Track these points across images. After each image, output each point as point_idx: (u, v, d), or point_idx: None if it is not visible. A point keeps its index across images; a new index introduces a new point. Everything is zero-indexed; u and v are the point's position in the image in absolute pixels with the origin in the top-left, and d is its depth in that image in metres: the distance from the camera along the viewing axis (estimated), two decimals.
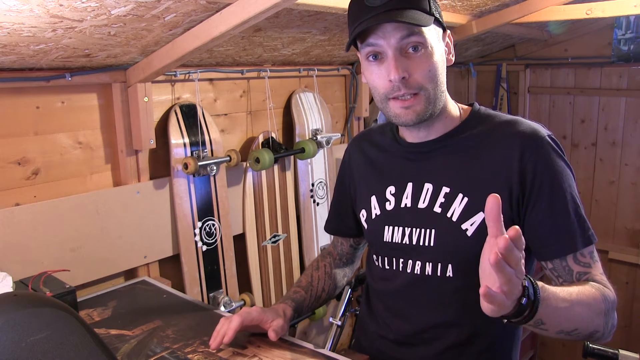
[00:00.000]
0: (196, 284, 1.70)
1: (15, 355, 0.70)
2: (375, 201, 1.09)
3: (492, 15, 2.01)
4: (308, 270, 1.27)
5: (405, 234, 1.02)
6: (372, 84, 0.97)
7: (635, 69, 2.61)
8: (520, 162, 0.93)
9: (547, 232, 0.92)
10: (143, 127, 1.51)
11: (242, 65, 1.85)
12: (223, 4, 1.16)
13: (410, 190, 1.03)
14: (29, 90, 1.34)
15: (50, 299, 0.82)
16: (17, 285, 1.20)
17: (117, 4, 1.03)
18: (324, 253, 1.33)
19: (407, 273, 1.03)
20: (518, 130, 0.96)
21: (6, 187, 1.32)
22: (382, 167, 1.10)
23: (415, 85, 0.91)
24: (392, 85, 0.92)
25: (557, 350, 3.11)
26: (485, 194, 0.88)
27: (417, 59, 0.91)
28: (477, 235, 0.94)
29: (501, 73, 3.01)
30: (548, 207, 0.92)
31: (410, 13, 0.87)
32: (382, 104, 0.97)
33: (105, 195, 1.48)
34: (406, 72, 0.90)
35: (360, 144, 1.18)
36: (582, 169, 2.86)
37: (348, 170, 1.20)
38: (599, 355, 1.10)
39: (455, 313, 1.00)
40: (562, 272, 0.93)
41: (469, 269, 0.90)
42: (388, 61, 0.91)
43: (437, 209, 0.99)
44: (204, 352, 1.06)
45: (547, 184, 0.92)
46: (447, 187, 0.99)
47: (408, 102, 0.92)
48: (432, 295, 1.01)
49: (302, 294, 1.18)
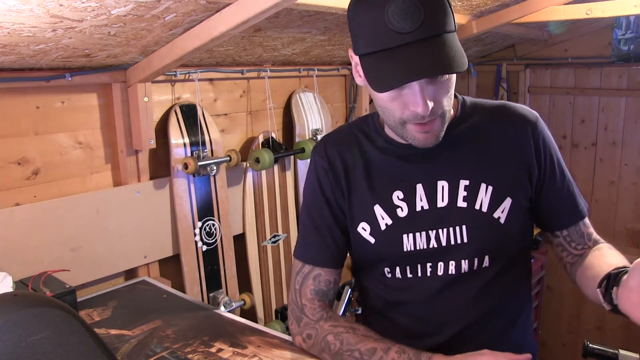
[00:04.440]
0: (196, 284, 1.70)
1: (15, 355, 0.70)
2: (381, 210, 0.97)
3: (492, 15, 2.01)
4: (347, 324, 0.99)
5: (431, 238, 0.95)
6: (384, 106, 0.88)
7: (635, 69, 2.61)
8: (532, 142, 0.97)
9: (563, 202, 1.01)
10: (143, 127, 1.51)
11: (242, 65, 1.85)
12: (223, 4, 1.16)
13: (423, 192, 0.96)
14: (29, 90, 1.34)
15: (50, 299, 0.82)
16: (17, 285, 1.20)
17: (117, 4, 1.03)
18: (326, 312, 1.01)
19: (439, 276, 0.96)
20: (518, 113, 0.99)
21: (6, 187, 1.32)
22: (380, 173, 0.99)
23: (438, 111, 0.86)
24: (414, 113, 0.84)
25: (557, 350, 3.11)
26: (507, 179, 0.94)
27: (441, 85, 0.84)
28: (509, 220, 0.95)
29: (501, 73, 3.01)
30: (560, 180, 0.99)
31: (448, 51, 0.78)
32: (395, 125, 0.89)
33: (105, 195, 1.48)
34: (432, 100, 0.83)
35: (339, 150, 1.02)
36: (582, 169, 2.86)
37: (332, 182, 1.01)
38: (599, 355, 1.10)
39: (494, 300, 0.98)
40: (575, 237, 1.02)
41: (503, 254, 0.96)
42: (413, 92, 0.82)
43: (461, 204, 0.95)
44: (204, 352, 1.06)
45: (555, 159, 0.99)
46: (465, 180, 0.95)
47: (428, 126, 0.87)
48: (471, 290, 0.96)
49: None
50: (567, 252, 1.04)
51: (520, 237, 0.99)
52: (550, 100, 2.94)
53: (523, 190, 0.96)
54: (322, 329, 0.97)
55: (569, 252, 1.03)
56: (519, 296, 1.03)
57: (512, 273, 1.00)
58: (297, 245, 1.06)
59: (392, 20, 0.76)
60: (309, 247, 1.03)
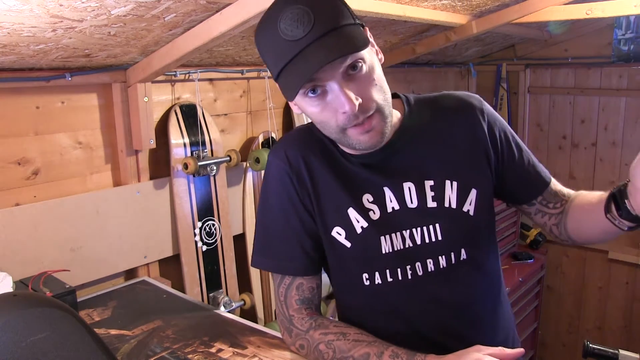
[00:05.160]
0: (196, 284, 1.70)
1: (16, 355, 0.70)
2: (355, 213, 0.95)
3: (492, 15, 2.01)
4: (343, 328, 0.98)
5: (406, 238, 0.95)
6: (318, 120, 0.87)
7: (635, 69, 2.61)
8: (483, 127, 0.98)
9: (529, 173, 1.03)
10: (143, 127, 1.51)
11: (242, 65, 1.85)
12: (223, 4, 1.16)
13: (391, 194, 0.96)
14: (29, 90, 1.34)
15: (50, 299, 0.82)
16: (17, 285, 1.20)
17: (117, 4, 1.03)
18: (314, 320, 0.99)
19: (419, 276, 0.95)
20: (462, 101, 1.01)
21: (6, 187, 1.32)
22: (347, 177, 0.96)
23: (371, 107, 0.83)
24: (347, 116, 0.82)
25: (557, 350, 3.11)
26: (469, 170, 0.96)
27: (361, 78, 0.83)
28: (478, 210, 0.96)
29: (501, 73, 3.02)
30: (519, 154, 1.02)
31: (343, 38, 0.78)
32: (338, 135, 0.87)
33: (105, 195, 1.48)
34: (358, 97, 0.81)
35: (302, 154, 0.98)
36: (582, 169, 2.87)
37: (297, 187, 0.97)
38: (599, 355, 1.10)
39: (476, 289, 0.99)
40: (551, 198, 1.04)
41: (476, 244, 0.97)
42: (335, 94, 0.81)
43: (431, 204, 0.95)
44: (204, 352, 1.05)
45: (508, 136, 1.01)
46: (429, 180, 0.96)
47: (367, 124, 0.84)
48: (452, 284, 0.96)
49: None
50: (548, 215, 1.04)
51: (487, 222, 1.01)
52: (550, 100, 2.94)
53: (485, 178, 0.98)
54: (312, 338, 0.96)
55: (550, 214, 1.04)
56: (498, 277, 1.05)
57: (488, 257, 1.01)
58: (268, 255, 1.01)
59: (286, 32, 0.78)
60: (283, 258, 0.99)
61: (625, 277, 2.79)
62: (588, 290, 2.97)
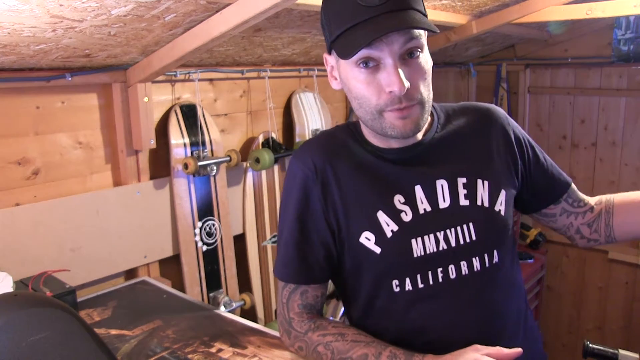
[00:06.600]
0: (196, 284, 1.70)
1: (16, 355, 0.70)
2: (385, 217, 0.92)
3: (492, 15, 2.01)
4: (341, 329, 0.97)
5: (440, 240, 0.91)
6: (360, 94, 0.86)
7: (635, 69, 2.62)
8: (510, 134, 1.02)
9: (553, 176, 1.07)
10: (143, 127, 1.51)
11: (242, 65, 1.85)
12: (223, 4, 1.16)
13: (422, 193, 0.93)
14: (29, 90, 1.34)
15: (50, 299, 0.82)
16: (17, 285, 1.20)
17: (117, 4, 1.03)
18: (313, 322, 0.98)
19: (452, 280, 0.91)
20: (487, 109, 1.04)
21: (6, 187, 1.32)
22: (377, 177, 0.94)
23: (415, 97, 0.85)
24: (391, 97, 0.83)
25: (557, 350, 3.11)
26: (498, 172, 0.98)
27: (415, 65, 0.84)
28: (506, 211, 0.97)
29: (501, 73, 3.02)
30: (543, 158, 1.06)
31: (416, 17, 0.80)
32: (373, 116, 0.87)
33: (105, 195, 1.48)
34: (408, 81, 0.82)
35: (328, 159, 0.95)
36: (582, 169, 2.87)
37: (321, 194, 0.94)
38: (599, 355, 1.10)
39: (508, 295, 0.97)
40: (576, 197, 1.08)
41: (506, 247, 0.97)
42: (388, 70, 0.82)
43: (463, 202, 0.94)
44: (204, 352, 1.06)
45: (532, 143, 1.06)
46: (462, 177, 0.95)
47: (406, 111, 0.85)
48: (487, 289, 0.93)
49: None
50: (575, 214, 1.07)
51: (511, 226, 1.02)
52: (550, 100, 2.94)
53: (511, 182, 1.00)
54: (310, 340, 0.96)
55: (576, 213, 1.07)
56: (521, 284, 1.05)
57: (514, 261, 1.02)
58: (279, 263, 1.00)
59: None
60: (291, 265, 0.97)
61: (625, 277, 2.79)
62: (588, 290, 2.97)
